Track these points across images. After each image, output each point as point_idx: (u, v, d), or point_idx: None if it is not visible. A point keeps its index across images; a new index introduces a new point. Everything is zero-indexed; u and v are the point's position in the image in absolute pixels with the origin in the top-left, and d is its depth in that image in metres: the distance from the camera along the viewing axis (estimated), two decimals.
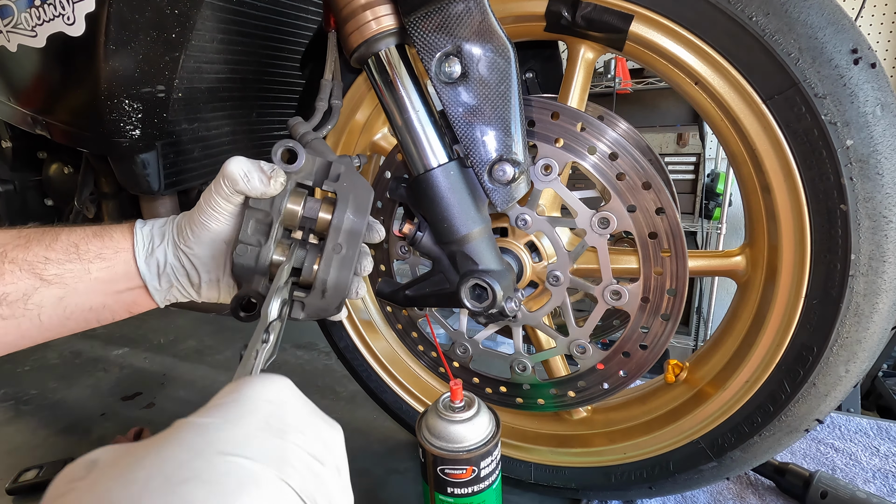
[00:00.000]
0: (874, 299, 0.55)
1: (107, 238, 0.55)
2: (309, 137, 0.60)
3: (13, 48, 0.69)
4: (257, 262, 0.52)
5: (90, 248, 0.54)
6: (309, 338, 1.46)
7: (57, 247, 0.53)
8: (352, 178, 0.54)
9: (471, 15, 0.53)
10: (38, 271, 0.51)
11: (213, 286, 0.58)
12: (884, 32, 2.79)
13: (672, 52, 0.58)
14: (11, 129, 0.98)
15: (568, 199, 0.64)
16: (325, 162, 0.55)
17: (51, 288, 0.52)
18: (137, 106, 0.70)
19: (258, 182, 0.51)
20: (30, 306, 0.51)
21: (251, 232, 0.52)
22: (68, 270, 0.53)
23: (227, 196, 0.52)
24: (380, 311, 0.90)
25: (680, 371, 0.75)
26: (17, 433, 1.11)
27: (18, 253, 0.51)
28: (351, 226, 0.54)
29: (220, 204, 0.53)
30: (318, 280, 0.53)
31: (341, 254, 0.54)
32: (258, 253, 0.52)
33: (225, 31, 0.80)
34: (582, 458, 0.79)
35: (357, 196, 0.54)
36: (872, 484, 0.83)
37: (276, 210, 0.52)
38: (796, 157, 0.55)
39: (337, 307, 0.56)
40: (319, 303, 0.54)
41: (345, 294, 0.55)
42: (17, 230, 0.54)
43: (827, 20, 0.51)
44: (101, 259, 0.54)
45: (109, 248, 0.54)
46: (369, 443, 1.00)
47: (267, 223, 0.53)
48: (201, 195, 0.54)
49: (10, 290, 0.50)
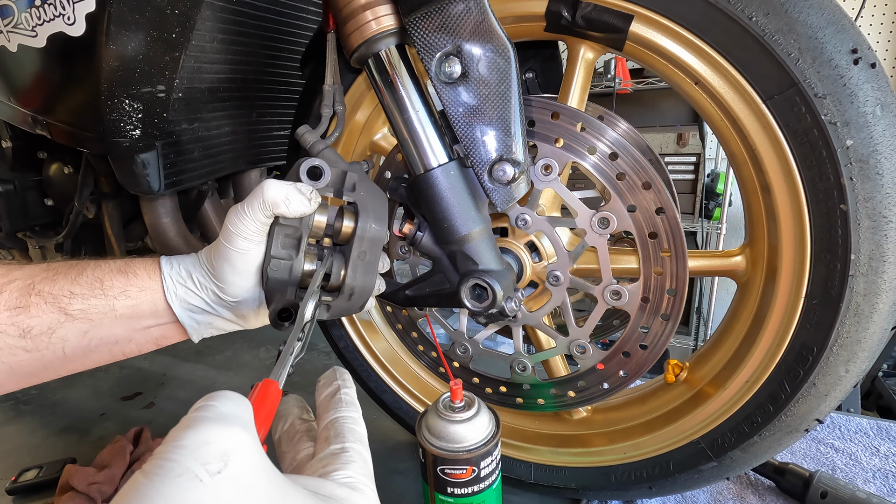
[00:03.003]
0: (874, 299, 0.55)
1: (131, 275, 0.55)
2: (320, 147, 0.60)
3: (13, 48, 0.69)
4: (290, 275, 0.55)
5: (115, 283, 0.54)
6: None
7: (82, 281, 0.53)
8: (367, 187, 0.58)
9: (471, 15, 0.53)
10: (63, 305, 0.51)
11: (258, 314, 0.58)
12: (884, 32, 2.79)
13: (672, 52, 0.58)
14: (11, 129, 0.98)
15: (568, 199, 0.64)
16: (340, 172, 0.58)
17: (75, 323, 0.52)
18: (137, 106, 0.70)
19: (299, 205, 0.52)
20: (54, 339, 0.51)
21: (282, 247, 0.54)
22: (93, 306, 0.52)
23: (263, 220, 0.52)
24: (380, 311, 0.90)
25: (680, 371, 0.75)
26: (17, 433, 1.11)
27: (45, 286, 0.51)
28: (374, 234, 0.57)
29: (255, 226, 0.52)
30: (347, 286, 0.57)
31: (366, 260, 0.57)
32: (291, 266, 0.55)
33: (225, 31, 0.80)
34: (582, 458, 0.79)
35: (375, 205, 0.57)
36: (872, 484, 0.83)
37: (305, 225, 0.55)
38: (796, 157, 0.55)
39: (361, 306, 0.60)
40: (345, 304, 0.58)
41: (370, 295, 0.59)
42: (46, 264, 0.54)
43: (827, 20, 0.51)
44: (126, 297, 0.54)
45: (134, 286, 0.54)
46: (369, 443, 1.00)
47: (296, 238, 0.55)
48: (227, 220, 0.53)
49: (35, 324, 0.50)
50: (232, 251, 0.53)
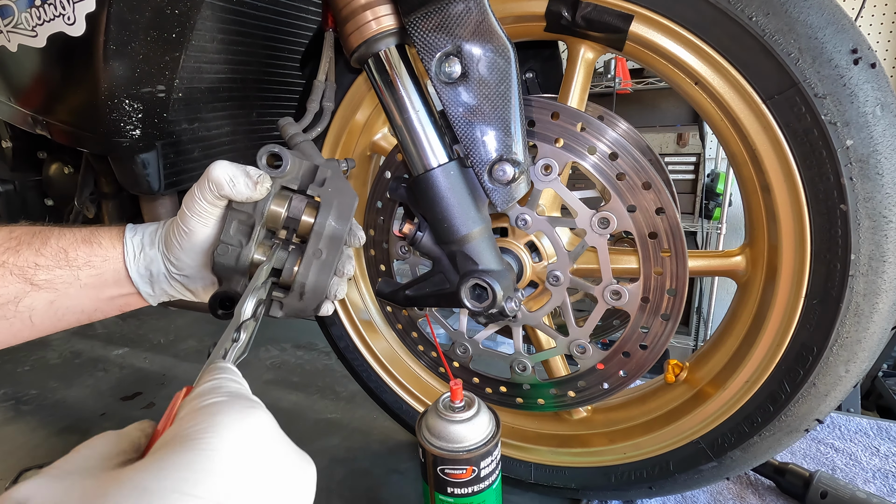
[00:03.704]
0: (874, 299, 0.55)
1: (95, 245, 0.55)
2: (298, 139, 0.60)
3: (13, 48, 0.69)
4: (238, 262, 0.53)
5: (79, 254, 0.54)
6: (309, 338, 1.46)
7: (46, 252, 0.53)
8: (337, 184, 0.55)
9: (471, 15, 0.53)
10: (29, 276, 0.52)
11: (208, 290, 0.59)
12: (884, 32, 2.79)
13: (672, 52, 0.58)
14: (12, 129, 0.98)
15: (568, 199, 0.64)
16: (311, 165, 0.56)
17: (41, 292, 0.52)
18: (138, 106, 0.70)
19: (244, 187, 0.51)
20: (21, 308, 0.52)
21: (233, 232, 0.53)
22: (58, 277, 0.53)
23: (211, 200, 0.52)
24: (380, 311, 0.90)
25: (680, 371, 0.75)
26: (17, 433, 1.11)
27: (9, 257, 0.51)
28: (332, 232, 0.54)
29: (204, 209, 0.53)
30: (297, 283, 0.54)
31: (321, 259, 0.54)
32: (239, 253, 0.53)
33: (225, 31, 0.80)
34: (582, 458, 0.79)
35: (341, 202, 0.55)
36: (872, 484, 0.83)
37: (258, 213, 0.53)
38: (796, 157, 0.55)
39: (315, 308, 0.57)
40: (298, 304, 0.55)
41: (323, 297, 0.56)
42: (7, 230, 0.54)
43: (827, 20, 0.51)
44: (90, 266, 0.54)
45: (98, 255, 0.55)
46: (369, 443, 1.00)
47: (249, 225, 0.53)
48: (183, 200, 0.54)
49: (2, 293, 0.51)
50: (180, 228, 0.54)
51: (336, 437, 1.02)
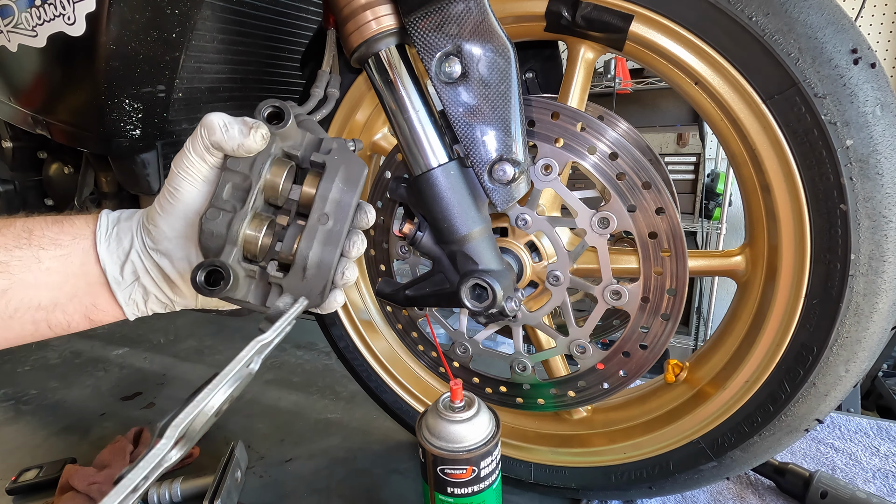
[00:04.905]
0: (874, 299, 0.55)
1: (67, 224, 0.48)
2: (302, 118, 0.56)
3: (13, 48, 0.69)
4: (229, 230, 0.45)
5: (46, 234, 0.47)
6: (309, 338, 1.46)
7: (7, 232, 0.46)
8: (344, 154, 0.48)
9: (471, 15, 0.53)
10: None
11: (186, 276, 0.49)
12: (884, 32, 2.79)
13: (672, 52, 0.58)
14: (12, 129, 0.98)
15: (568, 199, 0.64)
16: (315, 138, 0.50)
17: None
18: (138, 106, 0.70)
19: (237, 133, 0.45)
20: None
21: (227, 196, 0.46)
22: (15, 258, 0.45)
23: (202, 153, 0.45)
24: (380, 311, 0.90)
25: (680, 371, 0.75)
26: (17, 433, 1.11)
27: None
28: (340, 196, 0.47)
29: (194, 164, 0.46)
30: (299, 256, 0.46)
31: (327, 226, 0.47)
32: (231, 219, 0.45)
33: (225, 30, 0.80)
34: (582, 458, 0.79)
35: (348, 168, 0.48)
36: (872, 484, 0.83)
37: (255, 173, 0.46)
38: (796, 157, 0.55)
39: (320, 293, 0.48)
40: (300, 285, 0.47)
41: (329, 275, 0.48)
42: None
43: (827, 20, 0.51)
44: (56, 246, 0.47)
45: (68, 233, 0.47)
46: (369, 443, 1.00)
47: (245, 188, 0.46)
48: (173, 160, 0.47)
49: None
50: (166, 190, 0.47)
51: (336, 437, 1.02)
